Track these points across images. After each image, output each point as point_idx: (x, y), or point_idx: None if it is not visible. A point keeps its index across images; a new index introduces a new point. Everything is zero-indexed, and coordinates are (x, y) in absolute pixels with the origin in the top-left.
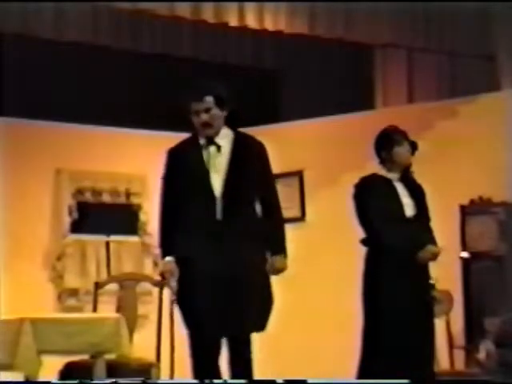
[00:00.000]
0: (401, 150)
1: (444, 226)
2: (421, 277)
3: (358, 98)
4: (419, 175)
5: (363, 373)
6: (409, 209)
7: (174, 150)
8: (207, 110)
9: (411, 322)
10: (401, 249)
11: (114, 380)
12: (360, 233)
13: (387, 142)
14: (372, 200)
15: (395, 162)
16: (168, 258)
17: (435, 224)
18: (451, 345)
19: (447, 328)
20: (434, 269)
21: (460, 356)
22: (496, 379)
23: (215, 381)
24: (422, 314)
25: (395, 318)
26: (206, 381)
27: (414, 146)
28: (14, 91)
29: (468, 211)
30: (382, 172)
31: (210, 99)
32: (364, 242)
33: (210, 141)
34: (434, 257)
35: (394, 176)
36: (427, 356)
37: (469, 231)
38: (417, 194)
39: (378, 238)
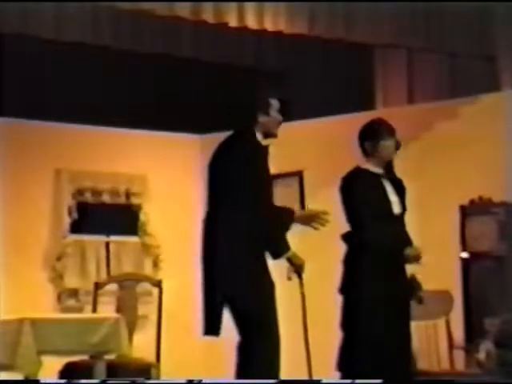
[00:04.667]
0: (387, 144)
1: (444, 226)
2: (400, 276)
3: (358, 98)
4: (419, 176)
5: (342, 368)
6: (396, 206)
7: None
8: None
9: (392, 322)
10: (387, 247)
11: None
12: None
13: (373, 133)
14: (362, 195)
15: (379, 156)
16: None
17: (435, 224)
18: (451, 345)
19: (447, 328)
20: (434, 269)
21: (460, 356)
22: (496, 379)
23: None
24: (401, 313)
25: (376, 317)
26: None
27: (397, 144)
28: (14, 91)
29: (468, 211)
30: (367, 165)
31: None
32: (345, 236)
33: None
34: (419, 257)
35: (379, 171)
36: (404, 355)
37: (469, 231)
38: (400, 190)
39: (365, 234)
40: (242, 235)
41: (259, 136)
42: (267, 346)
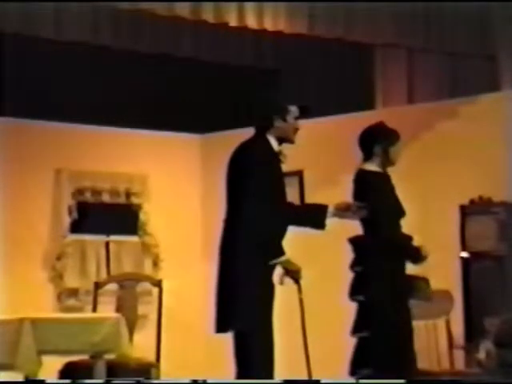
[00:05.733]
0: (397, 149)
1: (444, 226)
2: (404, 275)
3: (358, 98)
4: (419, 175)
5: (357, 372)
6: (402, 205)
7: None
8: None
9: (405, 321)
10: (404, 246)
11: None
12: (359, 232)
13: (386, 138)
14: (380, 196)
15: (388, 160)
16: None
17: (435, 224)
18: (451, 345)
19: (447, 328)
20: (434, 268)
21: (460, 356)
22: (496, 379)
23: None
24: (407, 311)
25: (396, 317)
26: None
27: None
28: (14, 91)
29: (468, 211)
30: (371, 167)
31: None
32: (354, 240)
33: None
34: (427, 257)
35: (386, 173)
36: (412, 353)
37: (469, 231)
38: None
39: (387, 234)
40: (253, 239)
41: (273, 141)
42: (264, 347)
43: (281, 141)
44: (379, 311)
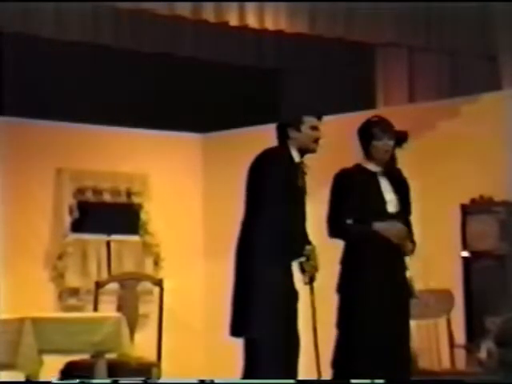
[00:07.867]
0: (379, 145)
1: (445, 225)
2: (397, 274)
3: (359, 98)
4: (420, 174)
5: (336, 367)
6: (391, 205)
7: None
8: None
9: (389, 320)
10: (375, 244)
11: (114, 379)
12: None
13: (366, 134)
14: (340, 192)
15: (372, 156)
16: None
17: (436, 223)
18: (452, 344)
19: (448, 327)
20: (435, 267)
21: (461, 355)
22: (497, 379)
23: (216, 380)
24: (398, 311)
25: (373, 315)
26: (207, 380)
27: (400, 138)
28: (14, 91)
29: (469, 210)
30: (366, 164)
31: None
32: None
33: None
34: (413, 249)
35: (378, 169)
36: (401, 354)
37: (469, 230)
38: (401, 189)
39: (368, 231)
40: (272, 245)
41: (294, 152)
42: (275, 355)
43: (302, 152)
44: (361, 307)
